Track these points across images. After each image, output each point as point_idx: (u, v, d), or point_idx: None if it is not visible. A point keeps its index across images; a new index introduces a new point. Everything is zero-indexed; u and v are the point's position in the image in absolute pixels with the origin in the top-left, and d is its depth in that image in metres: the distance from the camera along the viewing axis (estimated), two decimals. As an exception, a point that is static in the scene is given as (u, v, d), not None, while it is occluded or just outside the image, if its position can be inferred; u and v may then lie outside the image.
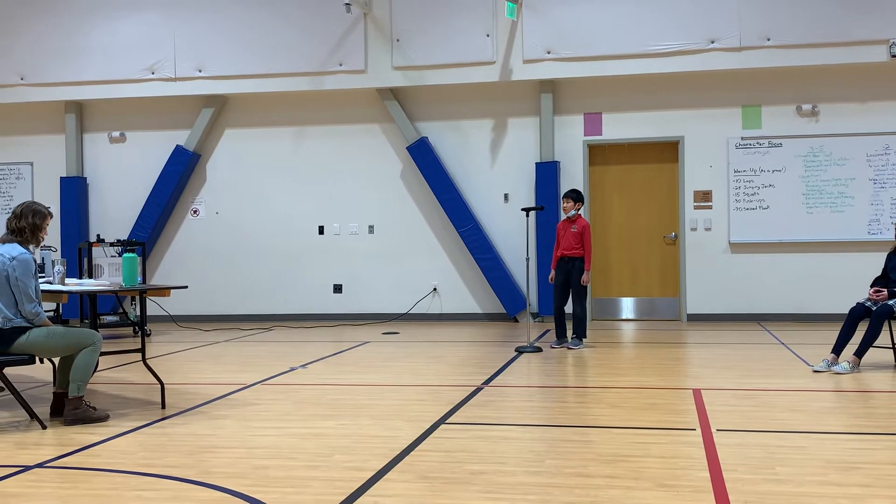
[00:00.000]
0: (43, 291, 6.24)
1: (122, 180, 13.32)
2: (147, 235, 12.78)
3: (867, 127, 11.55)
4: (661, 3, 11.63)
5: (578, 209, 9.40)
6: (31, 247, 5.83)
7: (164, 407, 6.18)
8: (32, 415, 5.65)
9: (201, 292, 12.83)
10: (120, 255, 11.59)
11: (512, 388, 6.99)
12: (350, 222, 12.87)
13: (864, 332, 7.31)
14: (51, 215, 5.96)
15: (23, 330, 5.61)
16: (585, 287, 9.27)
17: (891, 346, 7.74)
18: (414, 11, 12.18)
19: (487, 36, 12.00)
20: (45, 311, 5.83)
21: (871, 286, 7.67)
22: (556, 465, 4.50)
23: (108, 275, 10.97)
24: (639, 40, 11.63)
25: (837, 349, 7.42)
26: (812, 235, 11.68)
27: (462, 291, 12.60)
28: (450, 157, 12.52)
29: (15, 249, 5.67)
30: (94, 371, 5.93)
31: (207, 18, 12.72)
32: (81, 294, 6.77)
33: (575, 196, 9.42)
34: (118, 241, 11.61)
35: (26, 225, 5.77)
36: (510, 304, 12.11)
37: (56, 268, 6.50)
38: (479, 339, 10.42)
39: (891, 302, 7.35)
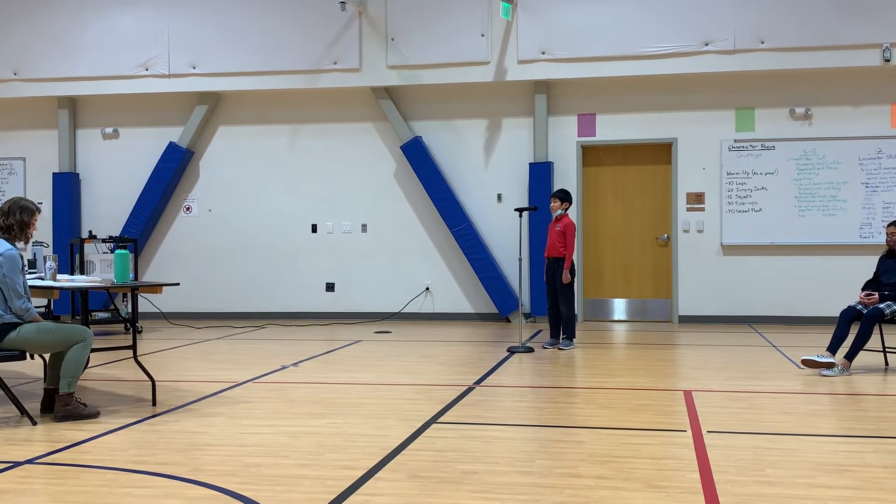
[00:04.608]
0: (34, 287, 6.22)
1: (114, 176, 13.29)
2: (139, 232, 12.75)
3: (860, 130, 11.58)
4: (656, 5, 11.65)
5: (566, 209, 9.39)
6: (19, 243, 5.80)
7: (154, 404, 6.16)
8: (23, 411, 5.63)
9: (193, 289, 12.81)
10: (112, 251, 11.56)
11: (503, 388, 7.00)
12: (343, 221, 12.86)
13: (854, 335, 7.35)
14: (39, 211, 5.90)
15: (13, 326, 5.59)
16: (571, 287, 9.25)
17: (881, 349, 7.78)
18: (409, 10, 12.17)
19: (482, 36, 12.00)
20: (37, 308, 5.81)
21: (863, 289, 7.69)
22: (547, 465, 4.51)
23: (100, 271, 10.95)
24: (633, 42, 11.65)
25: (833, 348, 7.44)
26: (804, 238, 11.71)
27: (454, 291, 12.60)
28: (443, 156, 12.52)
29: (2, 246, 5.63)
30: (85, 367, 5.92)
31: (202, 15, 12.70)
32: (73, 290, 6.76)
33: (562, 196, 9.42)
34: (110, 237, 11.58)
35: (14, 222, 5.73)
36: (502, 304, 12.12)
37: (48, 264, 6.47)
38: (471, 339, 10.42)
39: (882, 305, 7.38)
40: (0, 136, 13.60)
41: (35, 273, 7.10)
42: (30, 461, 4.65)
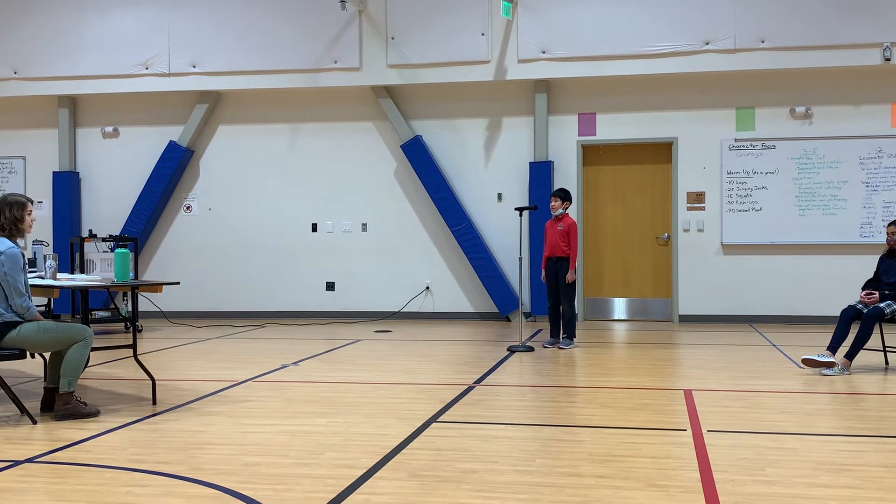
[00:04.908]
0: (34, 286, 6.21)
1: (115, 175, 13.29)
2: (139, 231, 12.75)
3: (860, 130, 11.58)
4: (657, 5, 11.65)
5: (566, 208, 9.41)
6: (19, 240, 5.78)
7: (154, 403, 6.16)
8: (23, 410, 5.63)
9: (193, 288, 12.81)
10: (112, 250, 11.55)
11: (504, 387, 7.00)
12: (343, 220, 12.86)
13: (854, 335, 7.34)
14: (31, 202, 5.84)
15: (14, 325, 5.59)
16: (573, 286, 9.27)
17: (881, 348, 7.77)
18: (409, 9, 12.17)
19: (482, 35, 12.00)
20: (37, 307, 5.80)
21: (863, 289, 7.69)
22: (547, 465, 4.51)
23: (100, 270, 10.95)
24: (634, 41, 11.65)
25: (833, 347, 7.44)
26: (804, 238, 11.71)
27: (455, 290, 12.60)
28: (444, 155, 12.52)
29: (3, 244, 5.62)
30: (85, 366, 5.91)
31: (202, 14, 12.70)
32: (73, 289, 6.75)
33: (563, 195, 9.43)
34: (110, 236, 11.59)
35: (6, 220, 5.70)
36: (502, 303, 12.12)
37: (48, 263, 6.47)
38: (471, 338, 10.42)
39: (882, 305, 7.37)
40: (0, 134, 13.60)
41: (35, 272, 7.09)
42: (30, 460, 4.65)
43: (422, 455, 4.69)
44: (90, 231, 11.76)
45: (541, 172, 12.07)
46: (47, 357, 6.07)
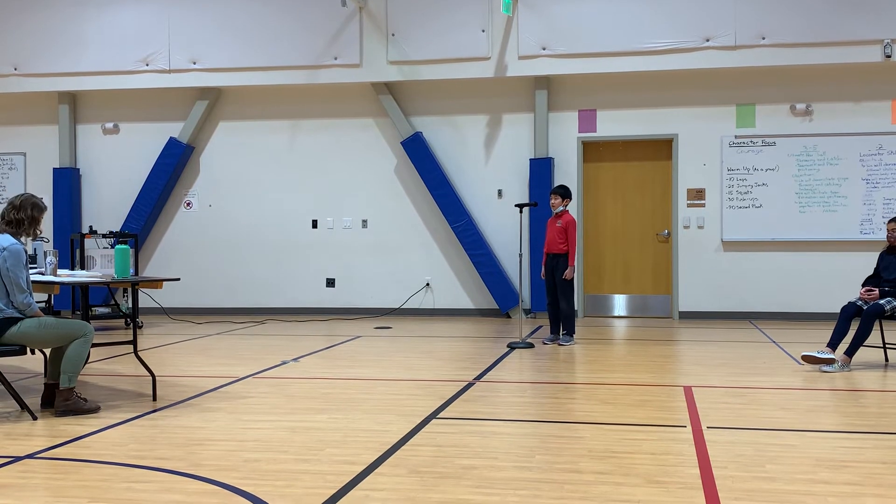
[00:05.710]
0: (35, 282, 6.23)
1: (115, 172, 13.29)
2: (140, 227, 12.75)
3: (860, 127, 11.58)
4: (657, 1, 11.64)
5: (566, 205, 9.41)
6: (23, 239, 5.82)
7: (155, 399, 6.17)
8: (23, 406, 5.63)
9: (194, 285, 12.81)
10: (112, 246, 11.56)
11: (504, 383, 7.00)
12: (344, 216, 12.86)
13: (854, 332, 7.35)
14: (45, 209, 5.97)
15: (14, 321, 5.60)
16: (571, 283, 9.27)
17: (881, 345, 7.78)
18: (409, 6, 12.16)
19: (483, 31, 11.99)
20: (37, 303, 5.81)
21: (863, 286, 7.70)
22: (547, 461, 4.51)
23: (101, 266, 10.95)
24: (634, 38, 11.64)
25: (833, 344, 7.44)
26: (804, 234, 11.71)
27: (455, 287, 12.61)
28: (444, 152, 12.51)
29: (6, 240, 5.66)
30: (86, 363, 5.91)
31: (202, 10, 12.69)
32: (73, 285, 6.76)
33: (562, 192, 9.44)
34: (111, 232, 11.59)
35: (25, 217, 5.76)
36: (502, 299, 12.12)
37: (48, 259, 6.48)
38: (471, 335, 10.42)
39: (882, 301, 7.38)
40: (0, 131, 13.60)
41: (35, 268, 7.10)
42: (30, 456, 4.65)
43: (422, 451, 4.70)
44: (90, 227, 11.76)
45: (541, 169, 12.07)
46: (47, 353, 6.08)
